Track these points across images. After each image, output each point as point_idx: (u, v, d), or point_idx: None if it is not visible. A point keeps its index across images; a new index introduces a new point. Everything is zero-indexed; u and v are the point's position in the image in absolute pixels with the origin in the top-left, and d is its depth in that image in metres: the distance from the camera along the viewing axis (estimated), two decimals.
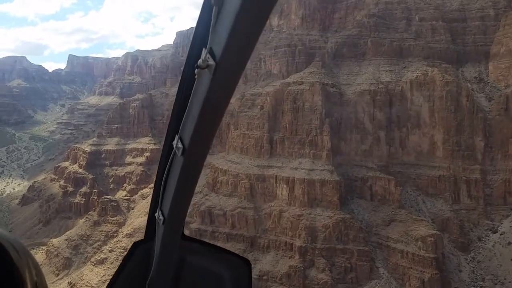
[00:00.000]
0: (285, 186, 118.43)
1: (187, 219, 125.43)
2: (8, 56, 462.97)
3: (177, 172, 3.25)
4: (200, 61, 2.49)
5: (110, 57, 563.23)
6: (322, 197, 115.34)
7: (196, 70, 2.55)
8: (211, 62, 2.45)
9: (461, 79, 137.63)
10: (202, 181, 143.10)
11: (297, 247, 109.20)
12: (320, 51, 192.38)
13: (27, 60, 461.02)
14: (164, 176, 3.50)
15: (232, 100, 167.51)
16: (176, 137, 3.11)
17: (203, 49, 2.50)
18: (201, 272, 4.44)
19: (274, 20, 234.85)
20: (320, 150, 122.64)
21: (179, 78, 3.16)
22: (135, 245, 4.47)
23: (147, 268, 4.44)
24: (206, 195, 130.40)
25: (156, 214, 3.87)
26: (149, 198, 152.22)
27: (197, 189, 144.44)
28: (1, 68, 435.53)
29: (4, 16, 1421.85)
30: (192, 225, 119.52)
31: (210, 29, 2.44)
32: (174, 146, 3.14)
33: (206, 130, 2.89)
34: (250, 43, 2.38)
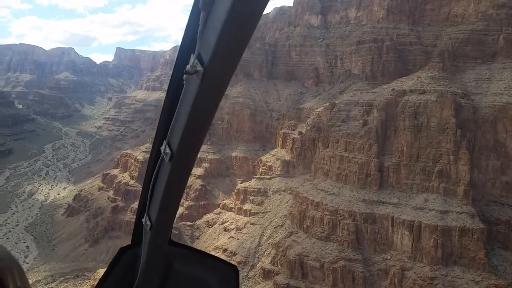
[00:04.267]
0: (407, 233, 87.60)
1: (272, 267, 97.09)
2: (56, 48, 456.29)
3: (164, 178, 3.20)
4: (188, 67, 2.45)
5: (155, 50, 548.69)
6: (462, 251, 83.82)
7: (184, 75, 2.52)
8: (199, 67, 2.41)
9: None
10: (283, 210, 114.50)
11: None
12: (411, 47, 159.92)
13: (75, 51, 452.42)
14: (152, 181, 3.43)
15: (316, 105, 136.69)
16: (164, 142, 3.07)
17: (192, 54, 2.47)
18: (188, 278, 4.31)
19: (351, 12, 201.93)
20: (454, 184, 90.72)
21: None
22: (122, 250, 4.33)
23: (133, 274, 4.30)
24: (292, 233, 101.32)
25: (143, 220, 3.77)
26: (216, 225, 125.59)
27: (278, 221, 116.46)
28: (49, 60, 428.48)
29: (54, 8, 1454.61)
30: (278, 278, 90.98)
31: (198, 34, 2.40)
32: (162, 151, 3.09)
33: (194, 136, 2.85)
34: (238, 48, 2.33)
